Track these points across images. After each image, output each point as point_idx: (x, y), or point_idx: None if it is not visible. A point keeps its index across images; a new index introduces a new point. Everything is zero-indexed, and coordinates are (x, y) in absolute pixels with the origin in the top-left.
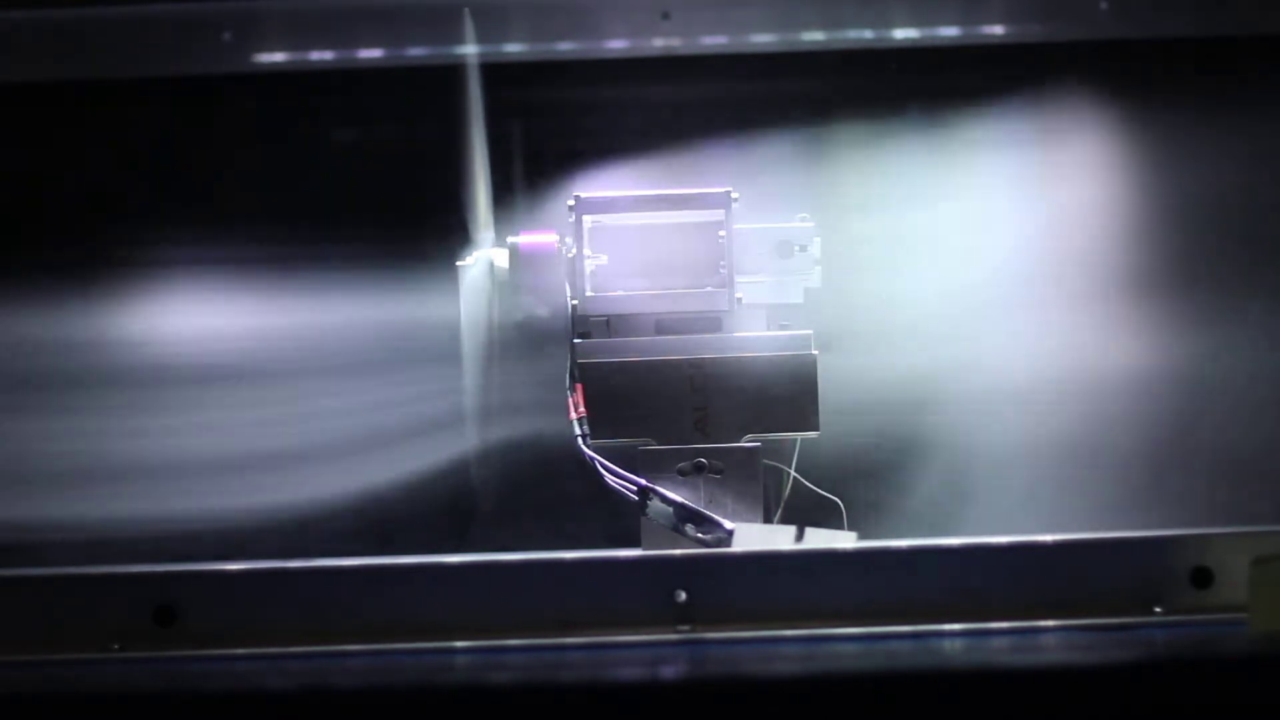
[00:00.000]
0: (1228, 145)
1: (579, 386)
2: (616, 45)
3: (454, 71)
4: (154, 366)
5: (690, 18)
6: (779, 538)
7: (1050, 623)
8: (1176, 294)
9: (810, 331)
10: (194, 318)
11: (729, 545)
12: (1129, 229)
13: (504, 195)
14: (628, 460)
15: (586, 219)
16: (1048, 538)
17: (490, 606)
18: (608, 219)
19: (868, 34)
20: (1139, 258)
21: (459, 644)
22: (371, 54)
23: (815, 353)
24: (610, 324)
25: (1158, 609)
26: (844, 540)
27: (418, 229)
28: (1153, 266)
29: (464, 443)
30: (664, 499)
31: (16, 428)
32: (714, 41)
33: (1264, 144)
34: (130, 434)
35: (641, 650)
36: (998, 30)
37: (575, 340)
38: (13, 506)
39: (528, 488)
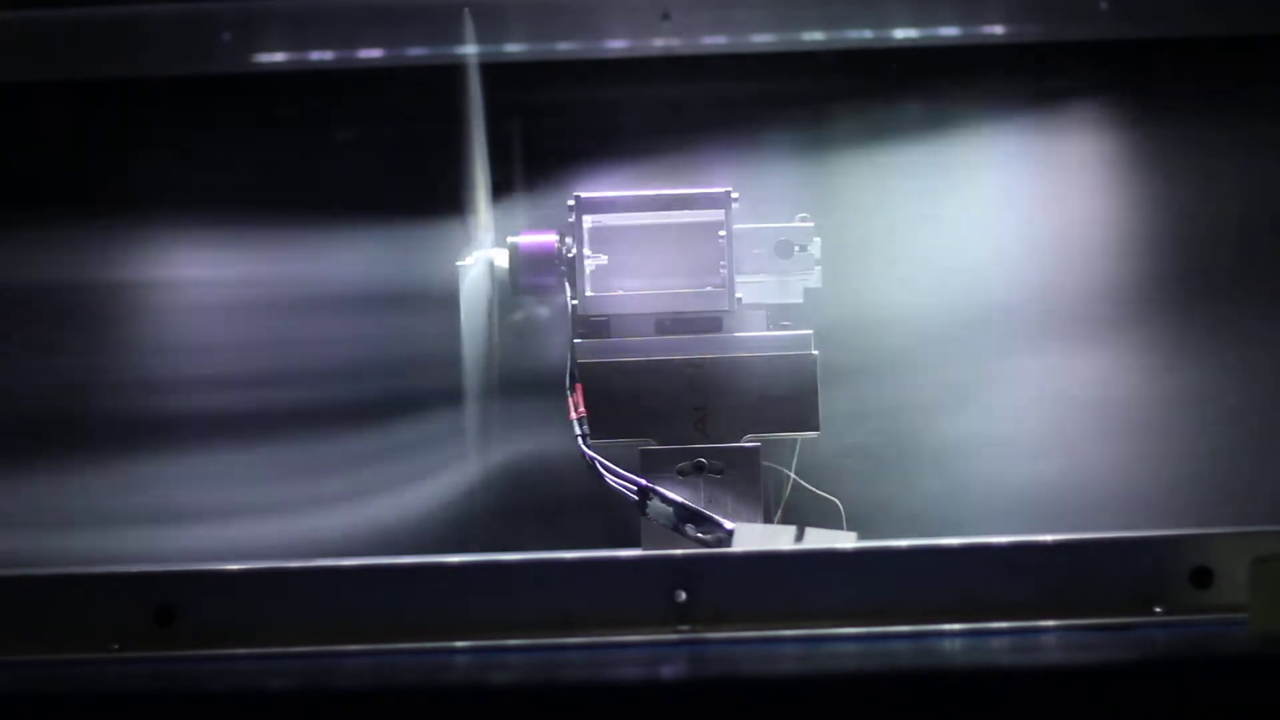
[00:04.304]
0: (1228, 145)
1: (579, 386)
2: (616, 45)
3: (454, 71)
4: (153, 366)
5: (690, 18)
6: (779, 538)
7: (1050, 623)
8: (1176, 294)
9: (810, 331)
10: (193, 318)
11: (729, 545)
12: (1129, 229)
13: (504, 195)
14: (628, 460)
15: (586, 219)
16: (1048, 538)
17: (490, 606)
18: (608, 219)
19: (868, 34)
20: (1139, 258)
21: (459, 644)
22: (371, 54)
23: (815, 353)
24: (610, 324)
25: (1158, 609)
26: (844, 540)
27: (418, 229)
28: (1152, 267)
29: (464, 441)
30: (664, 499)
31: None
32: (714, 41)
33: (1265, 144)
34: (133, 435)
35: (641, 650)
36: (998, 30)
37: (575, 340)
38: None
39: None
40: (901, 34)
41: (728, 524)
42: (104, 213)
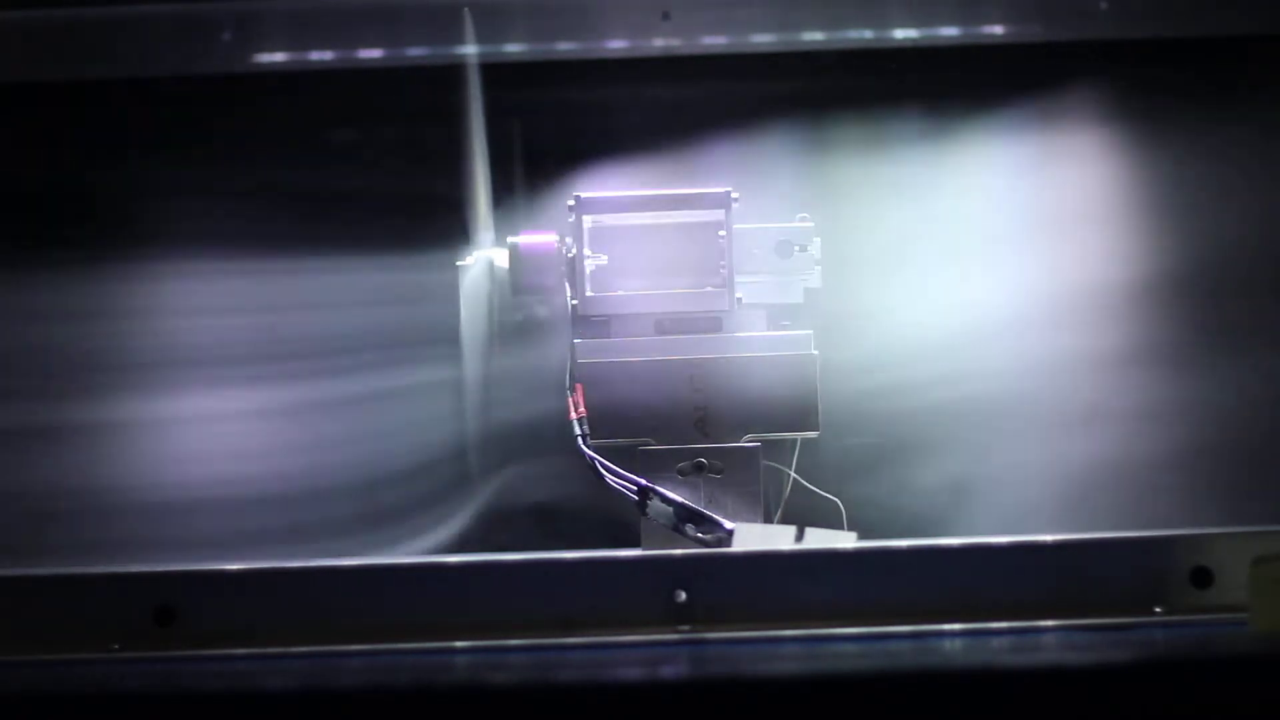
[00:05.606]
0: (1229, 145)
1: (579, 386)
2: (616, 45)
3: (454, 71)
4: (154, 366)
5: (690, 18)
6: (779, 538)
7: (1050, 623)
8: (1175, 293)
9: (810, 331)
10: (193, 318)
11: (729, 545)
12: (1128, 229)
13: (504, 195)
14: (628, 460)
15: (586, 219)
16: (1048, 538)
17: (490, 606)
18: (608, 219)
19: (868, 34)
20: (1139, 258)
21: (459, 644)
22: (371, 54)
23: (815, 353)
24: (610, 324)
25: (1158, 609)
26: (844, 540)
27: (418, 229)
28: (1152, 267)
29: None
30: (664, 499)
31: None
32: (714, 41)
33: (1266, 144)
34: (135, 433)
35: (641, 650)
36: (998, 30)
37: (575, 340)
38: None
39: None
40: (901, 34)
41: (728, 524)
42: (103, 212)
